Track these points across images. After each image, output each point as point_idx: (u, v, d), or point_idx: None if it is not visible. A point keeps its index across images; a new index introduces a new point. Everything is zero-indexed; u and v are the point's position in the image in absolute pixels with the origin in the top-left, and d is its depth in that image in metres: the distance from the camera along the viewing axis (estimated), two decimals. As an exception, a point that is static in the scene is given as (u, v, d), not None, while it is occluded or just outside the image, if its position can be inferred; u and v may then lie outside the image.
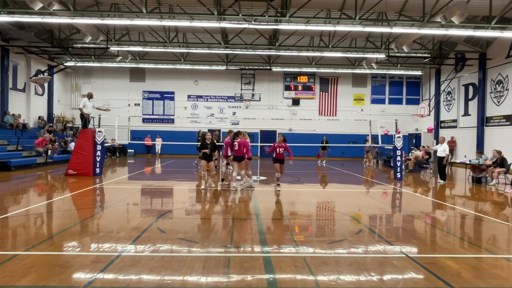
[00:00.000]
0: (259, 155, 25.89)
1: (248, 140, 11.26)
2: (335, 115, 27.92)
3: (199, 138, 14.56)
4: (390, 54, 20.66)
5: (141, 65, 25.92)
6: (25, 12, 15.30)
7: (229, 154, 11.80)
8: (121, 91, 27.30)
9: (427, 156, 18.08)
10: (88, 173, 13.56)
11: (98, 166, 13.76)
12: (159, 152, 26.02)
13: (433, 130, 25.66)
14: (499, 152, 13.94)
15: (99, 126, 14.80)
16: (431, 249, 5.61)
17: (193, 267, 4.38)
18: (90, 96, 14.58)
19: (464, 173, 16.78)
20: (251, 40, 22.43)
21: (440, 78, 25.72)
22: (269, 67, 25.75)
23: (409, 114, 26.85)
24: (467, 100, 22.96)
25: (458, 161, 18.70)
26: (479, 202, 10.25)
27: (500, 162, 13.78)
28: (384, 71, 26.82)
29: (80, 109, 14.33)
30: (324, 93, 27.97)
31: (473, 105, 22.16)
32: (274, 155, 11.29)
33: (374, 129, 18.17)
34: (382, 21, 17.35)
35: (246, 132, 11.84)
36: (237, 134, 11.19)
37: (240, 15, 16.20)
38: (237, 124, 26.95)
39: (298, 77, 27.71)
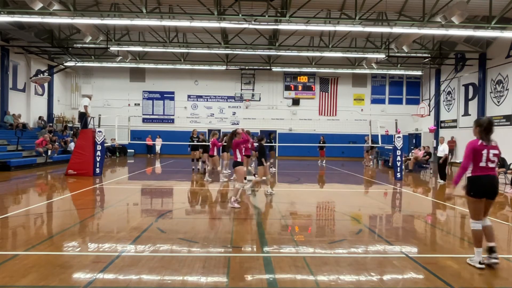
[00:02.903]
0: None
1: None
2: (335, 115, 27.93)
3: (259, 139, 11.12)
4: (390, 54, 20.66)
5: (141, 65, 25.92)
6: (25, 12, 15.30)
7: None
8: (121, 91, 27.31)
9: (427, 157, 18.07)
10: (88, 173, 13.57)
11: (98, 166, 13.77)
12: (159, 152, 26.03)
13: (435, 130, 25.62)
14: None
15: (99, 126, 14.80)
16: (431, 249, 5.61)
17: (193, 267, 4.38)
18: (90, 98, 14.95)
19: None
20: (251, 40, 22.43)
21: (440, 78, 25.71)
22: (269, 67, 25.75)
23: (409, 114, 26.83)
24: (467, 100, 22.96)
25: (458, 161, 18.69)
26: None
27: (500, 162, 13.79)
28: (384, 71, 26.82)
29: (85, 106, 14.43)
30: (324, 93, 27.97)
31: (473, 105, 22.15)
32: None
33: (374, 129, 18.16)
34: (382, 21, 17.35)
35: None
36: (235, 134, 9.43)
37: (240, 15, 16.21)
38: (237, 124, 26.95)
39: (298, 77, 27.71)
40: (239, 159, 8.32)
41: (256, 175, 13.90)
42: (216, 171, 13.80)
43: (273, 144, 14.47)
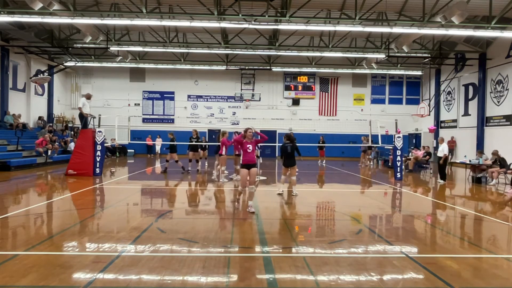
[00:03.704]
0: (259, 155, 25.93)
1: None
2: (335, 115, 27.93)
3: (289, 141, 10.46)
4: (390, 54, 20.65)
5: (141, 65, 25.92)
6: (25, 12, 15.30)
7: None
8: (121, 91, 27.31)
9: (427, 157, 18.07)
10: (88, 173, 13.57)
11: (98, 166, 13.77)
12: (159, 152, 26.03)
13: (435, 130, 25.60)
14: (494, 153, 14.08)
15: (99, 126, 14.80)
16: (431, 249, 5.60)
17: (193, 267, 4.39)
18: (88, 97, 14.85)
19: (464, 173, 16.77)
20: (251, 40, 22.43)
21: (440, 78, 25.71)
22: (269, 67, 25.75)
23: (409, 114, 26.84)
24: (467, 100, 22.96)
25: (458, 161, 18.68)
26: (479, 202, 10.25)
27: (500, 162, 13.79)
28: (384, 71, 26.82)
29: (79, 108, 14.41)
30: (324, 93, 27.97)
31: (473, 105, 22.15)
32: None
33: (374, 129, 18.16)
34: (382, 21, 17.35)
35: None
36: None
37: (240, 15, 16.20)
38: (237, 124, 26.95)
39: (298, 77, 27.71)
40: (240, 161, 8.33)
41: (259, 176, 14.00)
42: (221, 170, 13.84)
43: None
